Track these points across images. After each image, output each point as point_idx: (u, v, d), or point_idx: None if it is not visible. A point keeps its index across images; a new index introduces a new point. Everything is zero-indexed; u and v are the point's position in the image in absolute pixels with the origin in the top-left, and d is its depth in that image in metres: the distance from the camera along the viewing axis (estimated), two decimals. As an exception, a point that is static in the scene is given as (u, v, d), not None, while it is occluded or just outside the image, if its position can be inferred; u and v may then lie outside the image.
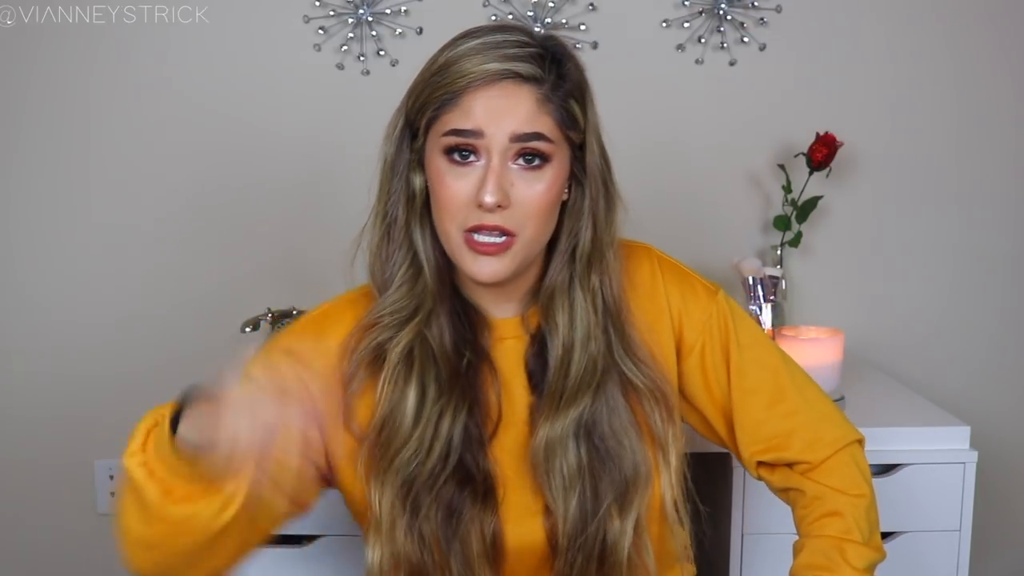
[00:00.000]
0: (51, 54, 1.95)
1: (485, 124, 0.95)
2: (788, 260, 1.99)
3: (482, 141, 0.95)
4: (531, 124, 0.96)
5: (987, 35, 1.97)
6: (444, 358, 1.02)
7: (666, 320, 1.09)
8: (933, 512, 1.54)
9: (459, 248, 0.98)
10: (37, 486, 2.09)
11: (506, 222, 0.96)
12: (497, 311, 1.07)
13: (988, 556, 2.08)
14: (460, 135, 0.96)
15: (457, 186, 0.96)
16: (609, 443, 1.02)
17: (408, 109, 1.02)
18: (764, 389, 1.09)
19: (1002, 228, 2.02)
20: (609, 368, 1.03)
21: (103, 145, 1.99)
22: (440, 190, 0.98)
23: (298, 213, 2.01)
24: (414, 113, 1.00)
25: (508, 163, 0.96)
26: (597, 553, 1.01)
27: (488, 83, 0.95)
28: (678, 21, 1.96)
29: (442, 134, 0.97)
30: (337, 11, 1.94)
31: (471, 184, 0.96)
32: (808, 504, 1.08)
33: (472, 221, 0.96)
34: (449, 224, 0.98)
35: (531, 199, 0.97)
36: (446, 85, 0.96)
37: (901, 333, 2.04)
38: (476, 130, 0.95)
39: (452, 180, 0.97)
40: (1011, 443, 2.06)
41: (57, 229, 2.02)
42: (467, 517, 0.99)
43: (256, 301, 1.98)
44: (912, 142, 2.00)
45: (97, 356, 2.04)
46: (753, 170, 2.00)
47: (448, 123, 0.96)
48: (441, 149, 0.97)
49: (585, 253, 1.03)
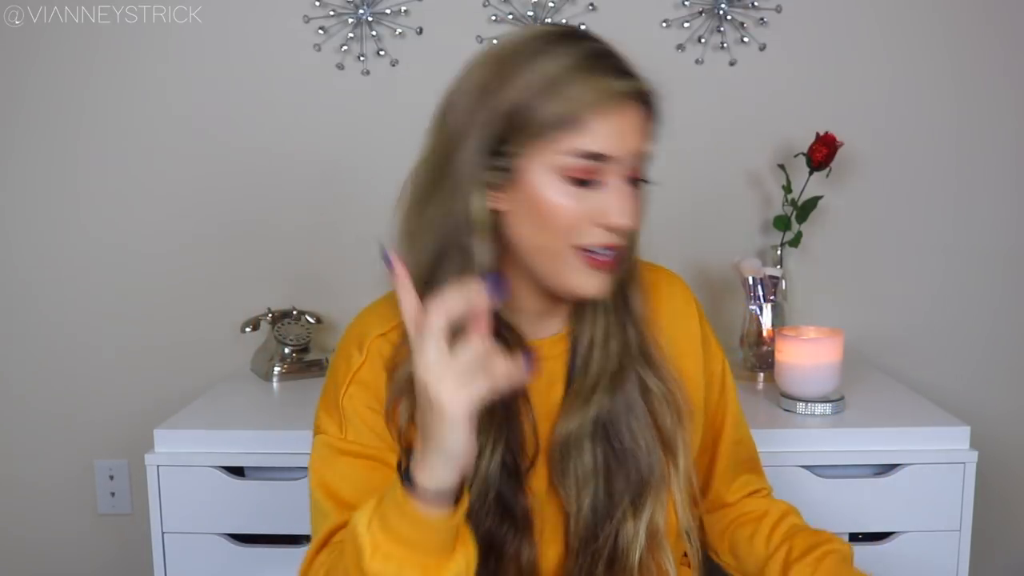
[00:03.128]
0: (55, 54, 1.96)
1: (614, 147, 0.91)
2: (788, 260, 1.99)
3: (607, 164, 0.92)
4: (648, 139, 0.95)
5: (986, 35, 1.97)
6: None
7: (697, 345, 1.12)
8: (933, 512, 1.54)
9: (568, 265, 0.94)
10: (37, 486, 2.09)
11: (625, 240, 0.96)
12: (533, 331, 1.04)
13: (988, 556, 2.08)
14: (589, 158, 0.91)
15: (577, 207, 0.92)
16: (626, 443, 1.01)
17: (493, 135, 0.92)
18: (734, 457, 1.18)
19: (1002, 228, 2.02)
20: (628, 368, 1.03)
21: (103, 145, 1.99)
22: (554, 211, 0.92)
23: (298, 213, 2.01)
24: (506, 139, 0.91)
25: (627, 181, 0.94)
26: (608, 554, 1.00)
27: (612, 103, 0.91)
28: (678, 21, 1.96)
29: (562, 154, 0.90)
30: (337, 11, 1.94)
31: (591, 205, 0.92)
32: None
33: (591, 240, 0.93)
34: (558, 242, 0.93)
35: (638, 216, 0.97)
36: (563, 108, 0.90)
37: (901, 333, 2.04)
38: (606, 154, 0.91)
39: (571, 202, 0.92)
40: (1011, 443, 2.06)
41: (57, 229, 2.02)
42: (507, 551, 0.98)
43: (256, 301, 1.99)
44: (911, 142, 2.00)
45: (97, 356, 2.05)
46: (753, 170, 2.00)
47: (573, 145, 0.90)
48: (560, 171, 0.91)
49: None
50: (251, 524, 1.56)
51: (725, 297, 1.99)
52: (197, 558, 1.57)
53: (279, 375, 1.89)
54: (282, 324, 1.93)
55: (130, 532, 2.08)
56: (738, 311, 1.91)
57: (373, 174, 1.93)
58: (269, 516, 1.55)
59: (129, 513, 2.09)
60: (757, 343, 1.83)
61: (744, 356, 1.85)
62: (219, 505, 1.56)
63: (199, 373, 2.01)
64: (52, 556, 2.11)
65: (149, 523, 1.56)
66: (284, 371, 1.89)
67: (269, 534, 1.56)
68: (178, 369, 2.04)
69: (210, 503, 1.55)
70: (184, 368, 2.03)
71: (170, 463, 1.55)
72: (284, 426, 1.58)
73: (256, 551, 1.57)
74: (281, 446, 1.54)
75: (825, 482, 1.52)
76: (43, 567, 2.12)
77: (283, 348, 1.90)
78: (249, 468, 1.58)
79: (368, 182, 1.95)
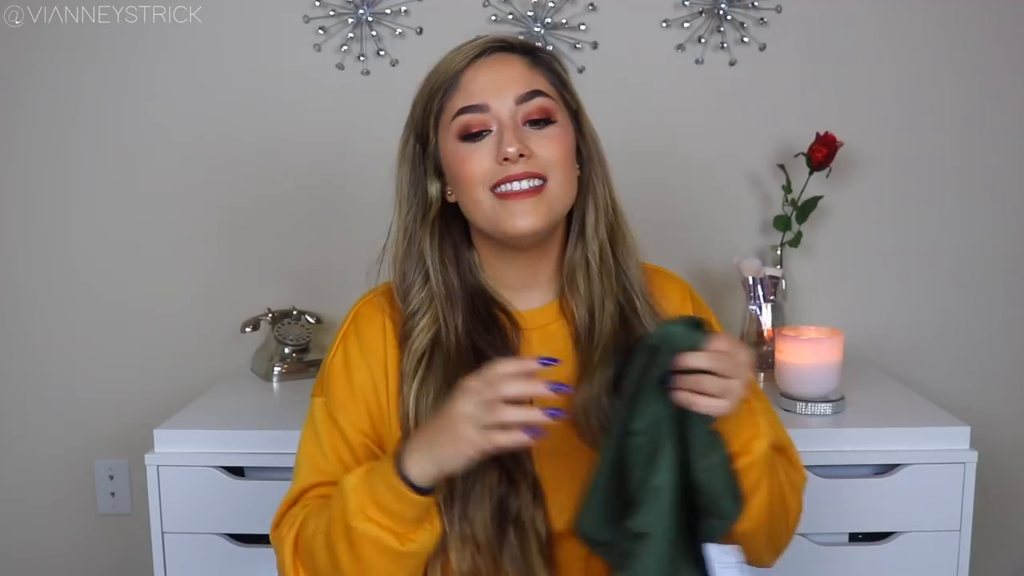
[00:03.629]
0: (55, 54, 1.96)
1: (489, 95, 1.02)
2: (788, 260, 1.99)
3: (490, 114, 1.02)
4: (529, 84, 1.03)
5: (987, 35, 1.96)
6: (460, 363, 1.04)
7: None
8: (933, 512, 1.54)
9: (494, 209, 1.02)
10: (37, 486, 2.09)
11: (533, 168, 1.01)
12: (522, 303, 1.10)
13: (988, 556, 2.08)
14: (469, 111, 1.02)
15: (478, 156, 1.02)
16: None
17: (414, 119, 1.08)
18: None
19: (1002, 228, 2.02)
20: (635, 327, 1.07)
21: (102, 145, 1.99)
22: (462, 168, 1.03)
23: (298, 213, 2.01)
24: (420, 119, 1.06)
25: (520, 127, 1.02)
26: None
27: (481, 59, 1.03)
28: (678, 21, 1.96)
29: (452, 118, 1.03)
30: (337, 11, 1.94)
31: (490, 150, 1.02)
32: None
33: (499, 176, 1.01)
34: (478, 192, 1.02)
35: (550, 149, 1.02)
36: (442, 74, 1.04)
37: (901, 333, 2.04)
38: (482, 104, 1.02)
39: (471, 154, 1.02)
40: (1011, 443, 2.06)
41: (57, 229, 2.02)
42: (523, 517, 1.00)
43: (256, 301, 1.99)
44: (912, 142, 2.00)
45: (97, 356, 2.05)
46: (753, 170, 2.00)
47: (454, 106, 1.02)
48: (455, 134, 1.03)
49: (591, 224, 1.08)
50: (251, 524, 1.56)
51: (725, 297, 1.99)
52: (197, 558, 1.57)
53: (279, 375, 1.89)
54: (282, 324, 1.93)
55: (130, 532, 2.08)
56: (738, 311, 1.91)
57: (373, 174, 1.92)
58: (269, 516, 1.54)
59: (129, 513, 2.09)
60: (757, 343, 1.83)
61: (744, 356, 1.84)
62: (219, 505, 1.56)
63: (199, 373, 2.01)
64: (52, 556, 2.11)
65: (149, 523, 1.56)
66: (284, 371, 1.89)
67: (269, 534, 1.56)
68: (178, 369, 2.03)
69: (210, 503, 1.55)
70: (184, 368, 2.03)
71: (170, 463, 1.55)
72: (284, 426, 1.58)
73: (256, 551, 1.57)
74: (281, 446, 1.54)
75: (825, 482, 1.52)
76: (43, 567, 2.12)
77: (283, 348, 1.90)
78: (249, 468, 1.58)
79: (368, 182, 1.93)
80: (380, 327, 1.09)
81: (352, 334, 1.09)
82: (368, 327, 1.09)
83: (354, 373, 1.07)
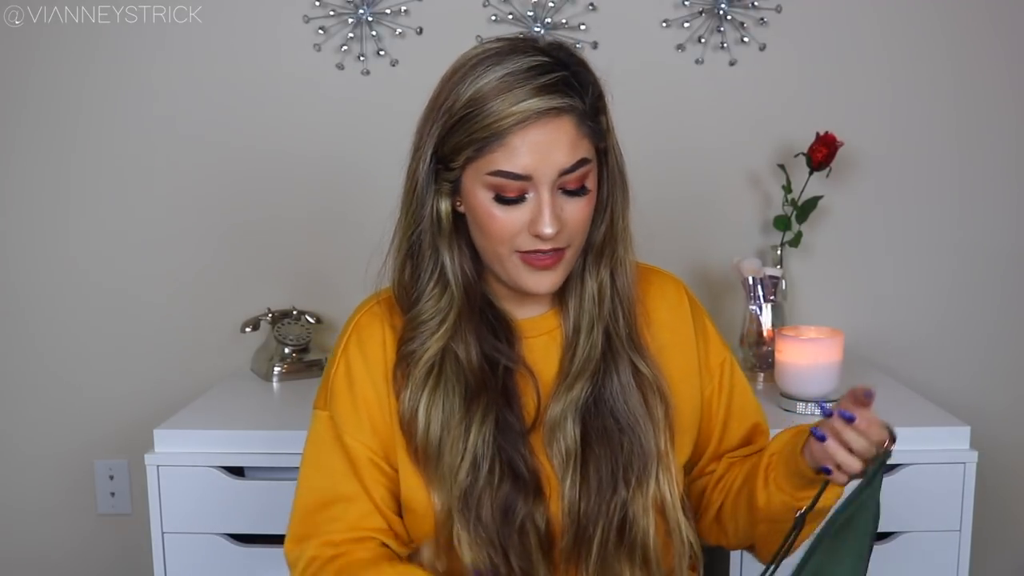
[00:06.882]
0: (55, 54, 1.96)
1: (534, 166, 0.96)
2: (788, 260, 1.99)
3: (530, 182, 0.97)
4: (575, 154, 0.97)
5: (987, 35, 1.96)
6: (472, 370, 1.05)
7: (689, 339, 1.14)
8: (933, 512, 1.54)
9: (515, 267, 1.01)
10: (37, 486, 2.09)
11: (561, 242, 1.00)
12: (520, 312, 1.10)
13: (988, 556, 2.08)
14: (508, 177, 0.96)
15: (508, 219, 0.99)
16: (621, 421, 1.05)
17: (441, 140, 0.99)
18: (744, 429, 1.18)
19: (1002, 228, 2.02)
20: (620, 351, 1.07)
21: (102, 145, 1.99)
22: (489, 223, 0.99)
23: (298, 213, 2.01)
24: (450, 149, 0.99)
25: (556, 196, 0.99)
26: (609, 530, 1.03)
27: (530, 122, 0.95)
28: (678, 21, 1.96)
29: (487, 173, 0.97)
30: (337, 11, 1.94)
31: (522, 216, 0.98)
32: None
33: (527, 246, 0.99)
34: (501, 248, 1.01)
35: (578, 218, 1.00)
36: (486, 126, 0.95)
37: (901, 333, 2.04)
38: (525, 174, 0.96)
39: (502, 214, 0.99)
40: (1011, 443, 2.06)
41: (57, 229, 2.02)
42: (522, 513, 1.02)
43: (256, 301, 1.99)
44: (912, 142, 2.00)
45: (97, 356, 2.05)
46: (753, 170, 2.00)
47: (492, 163, 0.97)
48: (488, 187, 0.98)
49: (597, 245, 1.06)
50: (251, 524, 1.56)
51: (725, 297, 1.99)
52: (197, 558, 1.57)
53: (279, 375, 1.89)
54: (282, 324, 1.93)
55: (130, 532, 2.08)
56: (738, 311, 1.91)
57: (373, 174, 1.93)
58: (269, 516, 1.55)
59: (129, 513, 2.09)
60: (757, 343, 1.83)
61: (744, 356, 1.85)
62: (219, 505, 1.56)
63: (199, 373, 2.01)
64: (52, 556, 2.11)
65: (149, 523, 1.56)
66: (284, 371, 1.89)
67: (269, 534, 1.56)
68: (178, 369, 2.04)
69: (210, 503, 1.55)
70: (184, 368, 2.03)
71: (170, 463, 1.55)
72: (284, 426, 1.58)
73: (256, 551, 1.57)
74: (281, 446, 1.54)
75: (825, 482, 1.52)
76: (43, 567, 2.12)
77: (283, 348, 1.90)
78: (249, 468, 1.58)
79: (368, 182, 1.95)
80: (380, 337, 1.08)
81: (354, 345, 1.09)
82: (370, 339, 1.09)
83: (357, 387, 1.07)
